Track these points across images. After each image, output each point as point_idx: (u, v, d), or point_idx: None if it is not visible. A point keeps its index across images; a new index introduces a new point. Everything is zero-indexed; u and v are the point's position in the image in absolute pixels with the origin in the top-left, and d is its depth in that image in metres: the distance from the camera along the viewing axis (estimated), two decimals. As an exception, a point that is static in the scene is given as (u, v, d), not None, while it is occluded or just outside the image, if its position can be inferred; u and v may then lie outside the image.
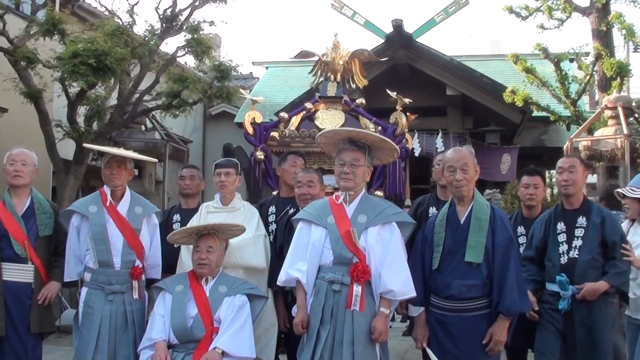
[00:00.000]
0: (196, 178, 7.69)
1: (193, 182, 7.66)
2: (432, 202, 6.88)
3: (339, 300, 5.25)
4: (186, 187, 7.66)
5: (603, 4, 16.82)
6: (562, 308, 5.74)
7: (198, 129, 23.37)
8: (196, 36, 13.81)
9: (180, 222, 7.36)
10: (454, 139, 18.77)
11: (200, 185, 7.73)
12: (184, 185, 7.66)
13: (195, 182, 7.67)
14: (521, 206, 7.25)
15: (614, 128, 13.03)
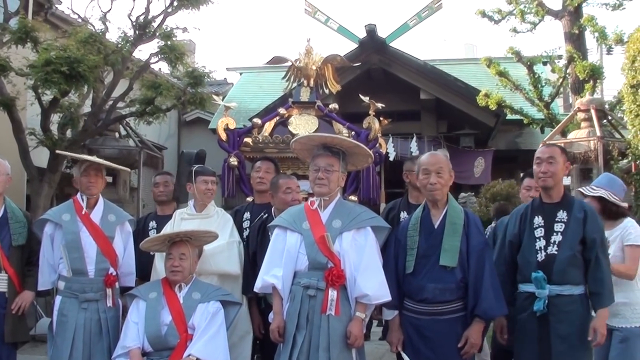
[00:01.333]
0: (170, 184, 7.69)
1: (167, 188, 7.65)
2: (403, 206, 6.86)
3: (314, 305, 5.25)
4: (160, 193, 7.64)
5: (575, 7, 16.96)
6: (538, 309, 5.37)
7: (173, 136, 23.33)
8: (169, 43, 13.77)
9: (157, 229, 7.35)
10: (428, 143, 18.88)
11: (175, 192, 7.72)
12: (158, 192, 7.65)
13: (169, 188, 7.67)
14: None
15: (587, 130, 13.11)
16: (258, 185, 7.29)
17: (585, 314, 5.47)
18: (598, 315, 5.41)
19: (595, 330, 5.34)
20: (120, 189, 13.99)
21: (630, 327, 6.14)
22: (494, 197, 13.61)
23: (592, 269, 5.44)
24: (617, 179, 6.85)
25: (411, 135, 18.92)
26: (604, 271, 5.45)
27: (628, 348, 6.13)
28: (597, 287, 5.42)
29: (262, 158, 7.91)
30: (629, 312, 5.93)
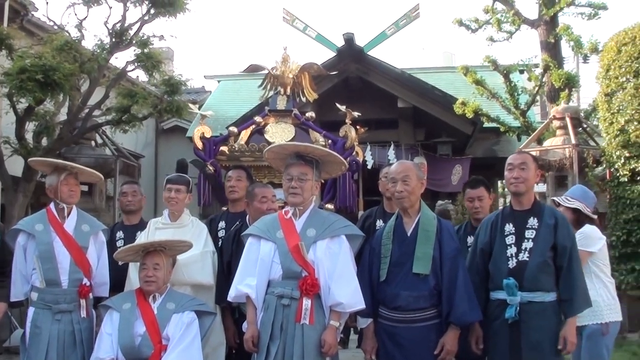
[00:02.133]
0: (137, 193, 7.57)
1: (135, 197, 7.54)
2: (379, 215, 6.88)
3: (288, 314, 5.23)
4: (128, 203, 7.54)
5: (551, 17, 17.05)
6: (509, 316, 5.36)
7: (150, 144, 23.24)
8: (146, 50, 13.74)
9: (124, 239, 7.29)
10: (405, 151, 18.91)
11: (142, 201, 7.63)
12: (126, 202, 7.55)
13: (137, 197, 7.55)
14: (470, 217, 7.11)
15: (563, 138, 13.18)
16: (231, 194, 7.28)
17: (556, 320, 5.45)
18: (567, 324, 5.41)
19: (565, 338, 5.35)
20: (96, 198, 13.92)
21: (592, 325, 6.39)
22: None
23: (564, 275, 5.45)
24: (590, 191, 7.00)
25: (389, 143, 18.92)
26: (576, 278, 5.46)
27: (592, 345, 6.37)
28: (569, 293, 5.42)
29: (234, 166, 7.91)
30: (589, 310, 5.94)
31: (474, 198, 6.80)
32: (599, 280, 6.54)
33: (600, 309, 6.40)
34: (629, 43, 11.94)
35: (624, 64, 11.90)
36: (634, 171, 11.61)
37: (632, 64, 11.76)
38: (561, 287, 5.45)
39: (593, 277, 6.45)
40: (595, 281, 6.48)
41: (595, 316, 6.38)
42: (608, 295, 6.56)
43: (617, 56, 12.09)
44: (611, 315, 6.53)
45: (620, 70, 11.95)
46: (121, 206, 7.70)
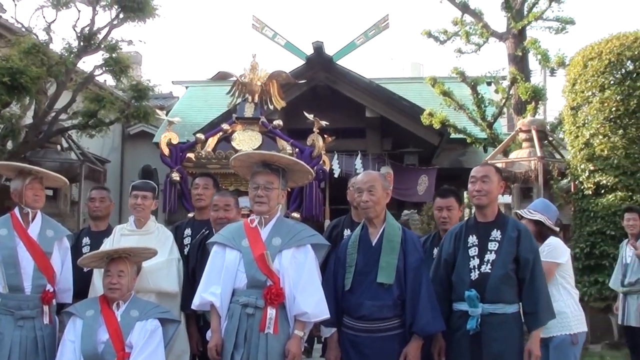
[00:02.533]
0: (106, 200, 7.48)
1: (103, 204, 7.45)
2: (346, 224, 6.90)
3: (252, 323, 5.21)
4: (96, 209, 7.45)
5: (519, 30, 17.21)
6: (471, 328, 5.35)
7: (116, 149, 23.09)
8: (114, 55, 13.69)
9: (90, 245, 7.18)
10: (372, 160, 18.94)
11: (110, 207, 7.58)
12: (94, 207, 7.45)
13: (105, 204, 7.46)
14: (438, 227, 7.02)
15: (528, 150, 13.27)
16: (197, 202, 7.26)
17: (518, 332, 5.49)
18: (532, 337, 5.44)
19: (530, 352, 5.38)
20: (61, 202, 13.81)
21: (560, 335, 6.37)
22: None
23: (527, 288, 5.47)
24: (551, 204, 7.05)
25: (356, 153, 18.95)
26: (539, 290, 5.48)
27: (562, 355, 6.37)
28: (532, 306, 5.45)
29: (201, 174, 7.87)
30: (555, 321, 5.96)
31: (443, 207, 6.65)
32: (566, 291, 6.56)
33: (568, 319, 6.43)
34: (595, 58, 12.06)
35: (590, 78, 12.02)
36: (598, 184, 11.72)
37: (597, 78, 11.88)
38: (524, 299, 5.47)
39: (560, 288, 6.49)
40: (563, 292, 6.51)
41: (564, 327, 6.39)
42: (575, 306, 6.58)
43: (583, 70, 12.21)
44: (579, 325, 6.55)
45: (586, 85, 12.07)
46: (89, 212, 7.61)
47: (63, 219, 11.09)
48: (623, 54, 11.76)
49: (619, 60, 11.80)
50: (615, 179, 11.45)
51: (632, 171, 11.35)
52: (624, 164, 11.38)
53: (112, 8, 13.89)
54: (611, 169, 11.50)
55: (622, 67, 11.87)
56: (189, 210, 8.83)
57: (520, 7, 17.43)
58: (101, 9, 13.88)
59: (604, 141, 11.61)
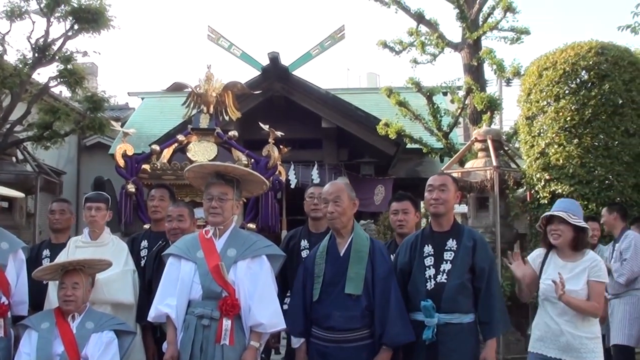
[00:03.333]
0: (66, 212, 7.48)
1: (63, 216, 7.45)
2: (303, 235, 6.91)
3: (208, 335, 5.21)
4: (56, 221, 7.44)
5: (474, 40, 17.31)
6: (427, 338, 5.35)
7: (72, 160, 22.94)
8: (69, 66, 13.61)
9: (50, 257, 7.16)
10: (329, 171, 18.99)
11: (71, 220, 7.55)
12: (54, 220, 7.45)
13: (65, 216, 7.46)
14: (394, 235, 7.06)
15: (484, 160, 13.32)
16: (153, 214, 7.27)
17: (474, 342, 5.51)
18: (487, 346, 5.48)
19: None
20: (16, 215, 13.65)
21: None
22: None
23: (483, 298, 5.50)
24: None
25: (313, 163, 18.99)
26: (494, 300, 5.52)
27: None
28: (488, 316, 5.48)
29: (157, 185, 7.87)
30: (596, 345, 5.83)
31: (399, 211, 6.71)
32: None
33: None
34: (549, 67, 12.14)
35: (545, 88, 12.08)
36: (554, 193, 11.76)
37: (552, 88, 11.94)
38: (480, 309, 5.50)
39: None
40: None
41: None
42: None
43: (538, 80, 12.28)
44: None
45: (541, 94, 12.13)
46: (49, 224, 7.59)
47: (18, 231, 10.95)
48: (578, 64, 11.84)
49: (574, 70, 11.87)
50: (571, 188, 11.50)
51: (587, 180, 11.41)
52: (579, 173, 11.44)
53: (66, 19, 13.81)
54: (566, 178, 11.56)
55: (577, 77, 11.95)
56: (144, 222, 8.80)
57: (475, 18, 17.56)
58: (56, 20, 13.79)
59: (559, 150, 11.67)
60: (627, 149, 11.35)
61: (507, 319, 5.68)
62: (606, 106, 11.44)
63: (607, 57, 11.75)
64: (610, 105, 11.44)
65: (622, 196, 11.00)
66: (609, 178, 11.35)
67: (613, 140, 11.39)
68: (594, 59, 11.74)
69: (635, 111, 11.55)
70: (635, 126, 11.50)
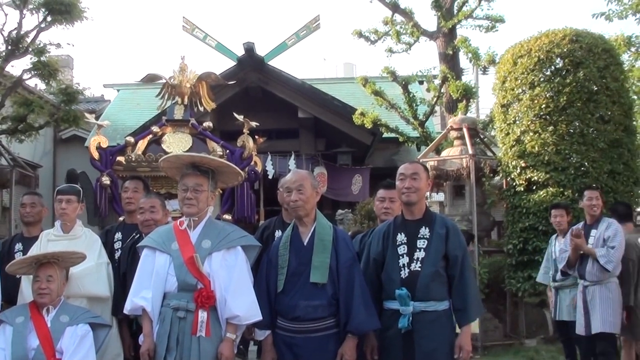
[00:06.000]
0: (37, 205, 7.40)
1: (34, 209, 7.37)
2: (278, 225, 6.89)
3: (184, 327, 5.18)
4: (27, 214, 7.37)
5: (450, 29, 17.38)
6: (402, 326, 5.34)
7: (48, 153, 22.80)
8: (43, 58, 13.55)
9: (23, 251, 7.08)
10: (306, 161, 19.03)
11: (42, 212, 7.48)
12: (25, 213, 7.38)
13: (36, 209, 7.39)
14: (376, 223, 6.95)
15: (460, 148, 13.36)
16: (127, 206, 7.23)
17: (450, 329, 5.51)
18: (463, 332, 5.47)
19: (461, 347, 5.41)
20: (-9, 209, 13.65)
21: None
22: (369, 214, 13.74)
23: (456, 285, 5.50)
24: None
25: (290, 153, 19.02)
26: (468, 287, 5.52)
27: None
28: (462, 303, 5.48)
29: (131, 177, 7.83)
30: None
31: (386, 198, 6.58)
32: None
33: None
34: (524, 55, 12.20)
35: (520, 75, 12.15)
36: (530, 181, 11.84)
37: (527, 76, 12.01)
38: (454, 296, 5.50)
39: None
40: None
41: None
42: None
43: (513, 68, 12.34)
44: None
45: (516, 82, 12.20)
46: (21, 217, 7.54)
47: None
48: (552, 52, 11.90)
49: (548, 57, 11.94)
50: (546, 175, 11.57)
51: (562, 167, 11.48)
52: (555, 160, 11.51)
53: (39, 11, 13.74)
54: (542, 165, 11.63)
55: (552, 65, 12.02)
56: (120, 214, 8.75)
57: (450, 6, 17.63)
58: (29, 12, 13.72)
59: (535, 138, 11.73)
60: (602, 135, 11.45)
61: (481, 305, 5.75)
62: (581, 93, 11.53)
63: (582, 44, 11.84)
64: (585, 92, 11.53)
65: (597, 182, 11.07)
66: (584, 165, 11.45)
67: (588, 127, 11.49)
68: (569, 46, 11.83)
69: (609, 98, 11.64)
70: (610, 113, 11.61)
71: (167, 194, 8.68)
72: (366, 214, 13.94)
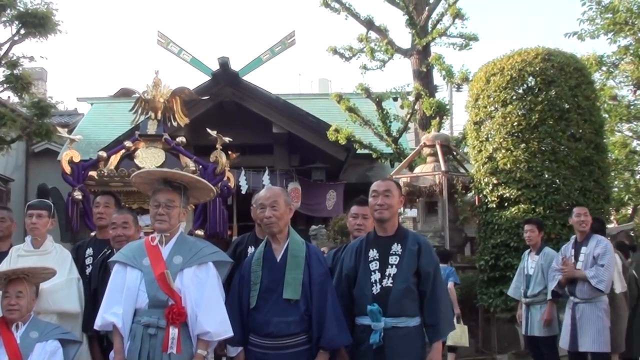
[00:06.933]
0: (7, 220, 7.29)
1: (3, 224, 7.25)
2: (251, 241, 6.85)
3: (155, 343, 5.14)
4: None
5: (424, 47, 17.49)
6: (374, 342, 5.35)
7: (20, 167, 22.64)
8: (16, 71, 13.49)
9: (-9, 266, 7.04)
10: (280, 176, 19.04)
11: (11, 227, 7.40)
12: None
13: (5, 224, 7.27)
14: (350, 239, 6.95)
15: (433, 165, 13.44)
16: (98, 221, 7.19)
17: (420, 344, 5.54)
18: (434, 348, 5.51)
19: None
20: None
21: None
22: (342, 230, 13.77)
23: (428, 301, 5.53)
24: None
25: (264, 169, 19.02)
26: (439, 303, 5.56)
27: None
28: (433, 319, 5.51)
29: (102, 192, 7.79)
30: None
31: (359, 215, 6.60)
32: None
33: None
34: (497, 73, 12.28)
35: (493, 93, 12.22)
36: (502, 197, 11.90)
37: (500, 93, 12.09)
38: (425, 312, 5.53)
39: None
40: None
41: None
42: None
43: (485, 86, 12.42)
44: None
45: (489, 100, 12.27)
46: None
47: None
48: (524, 70, 11.99)
49: (521, 75, 12.02)
50: (518, 191, 11.63)
51: (534, 184, 11.55)
52: (526, 177, 11.58)
53: (12, 24, 13.69)
54: (514, 182, 11.69)
55: (524, 83, 12.10)
56: (91, 229, 8.70)
57: (424, 24, 17.76)
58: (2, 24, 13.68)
59: (507, 155, 11.80)
60: (573, 153, 11.53)
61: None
62: (553, 111, 11.61)
63: (554, 63, 11.93)
64: (556, 110, 11.61)
65: (568, 200, 11.16)
66: (555, 182, 11.52)
67: (559, 145, 11.56)
68: (541, 65, 11.92)
69: (581, 116, 11.73)
70: (581, 131, 11.69)
71: (139, 209, 8.63)
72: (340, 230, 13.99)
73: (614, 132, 20.15)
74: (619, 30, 15.91)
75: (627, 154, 20.80)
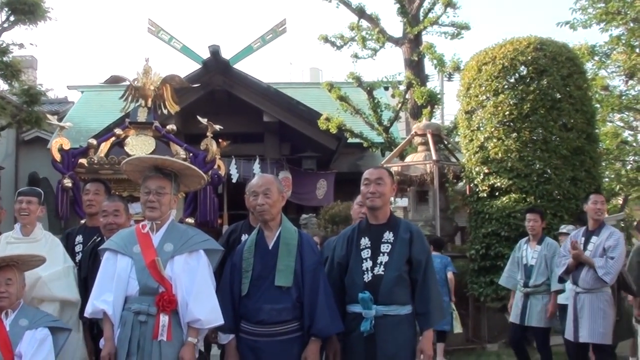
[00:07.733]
0: None
1: None
2: (244, 229, 6.82)
3: (145, 331, 5.13)
4: None
5: (415, 35, 17.45)
6: (365, 330, 5.38)
7: (10, 155, 22.58)
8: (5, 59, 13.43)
9: (-22, 255, 7.01)
10: (271, 165, 19.02)
11: (1, 215, 7.40)
12: None
13: None
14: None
15: (424, 154, 13.43)
16: (88, 208, 7.16)
17: (412, 333, 5.54)
18: (424, 337, 5.52)
19: (423, 351, 5.46)
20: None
21: None
22: (333, 219, 13.76)
23: (419, 289, 5.54)
24: None
25: (254, 157, 18.99)
26: (431, 291, 5.56)
27: None
28: (424, 307, 5.52)
29: (92, 180, 7.76)
30: None
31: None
32: None
33: None
34: (489, 62, 12.27)
35: (484, 82, 12.21)
36: (493, 187, 11.90)
37: (491, 82, 12.08)
38: (417, 300, 5.53)
39: None
40: None
41: None
42: None
43: (477, 75, 12.41)
44: None
45: (480, 89, 12.26)
46: None
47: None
48: (516, 59, 11.98)
49: (513, 65, 12.02)
50: (509, 181, 11.64)
51: (525, 173, 11.55)
52: (518, 167, 11.58)
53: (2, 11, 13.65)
54: (505, 171, 11.69)
55: (516, 72, 12.10)
56: (81, 217, 8.67)
57: (416, 13, 17.72)
58: (-9, 12, 13.61)
59: (498, 144, 11.80)
60: (564, 143, 11.54)
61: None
62: (544, 101, 11.62)
63: (546, 52, 11.94)
64: (548, 100, 11.62)
65: (559, 189, 11.17)
66: (547, 171, 11.53)
67: (551, 135, 11.57)
68: (533, 54, 11.93)
69: (572, 106, 11.74)
70: (573, 121, 11.70)
71: (129, 197, 8.61)
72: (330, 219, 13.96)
73: (605, 122, 20.23)
74: (611, 19, 15.91)
75: (619, 144, 20.88)
